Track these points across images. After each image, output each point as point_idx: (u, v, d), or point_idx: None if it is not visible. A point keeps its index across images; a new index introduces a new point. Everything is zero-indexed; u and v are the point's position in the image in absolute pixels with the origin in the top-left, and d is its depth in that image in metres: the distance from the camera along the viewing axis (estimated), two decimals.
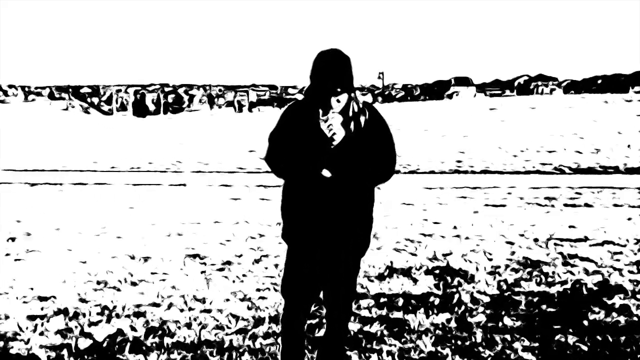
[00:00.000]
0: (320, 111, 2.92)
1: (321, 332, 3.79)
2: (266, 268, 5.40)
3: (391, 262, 5.51)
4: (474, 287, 4.79)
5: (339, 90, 2.86)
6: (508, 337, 3.84)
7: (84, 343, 3.76)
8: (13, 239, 6.52)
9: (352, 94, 2.97)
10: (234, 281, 5.02)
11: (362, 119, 2.96)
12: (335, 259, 3.05)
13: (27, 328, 3.98)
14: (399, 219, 7.61)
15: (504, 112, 24.74)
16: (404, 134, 19.74)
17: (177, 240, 6.52)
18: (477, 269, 5.30)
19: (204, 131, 23.65)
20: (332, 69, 2.85)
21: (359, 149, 2.92)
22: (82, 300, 4.53)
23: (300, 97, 3.13)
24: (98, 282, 4.98)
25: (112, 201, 9.40)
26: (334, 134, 2.89)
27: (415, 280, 4.98)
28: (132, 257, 5.78)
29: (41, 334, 3.91)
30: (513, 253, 5.87)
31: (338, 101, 2.90)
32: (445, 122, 22.71)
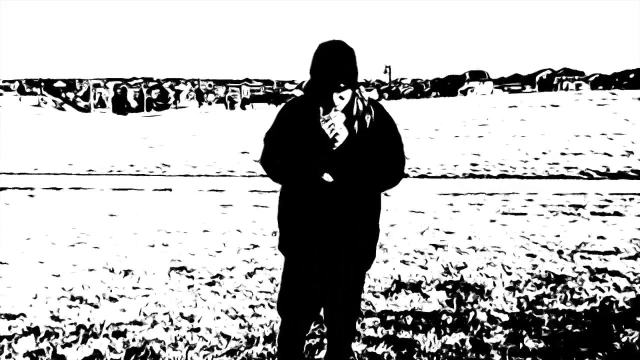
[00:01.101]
0: (321, 109, 2.92)
1: (322, 354, 3.78)
2: (260, 282, 5.40)
3: (399, 276, 5.50)
4: (491, 305, 4.79)
5: (342, 85, 2.86)
6: None
7: None
8: None
9: (356, 90, 2.97)
10: (224, 297, 5.02)
11: (368, 117, 2.96)
12: (337, 272, 3.04)
13: None
14: (407, 228, 7.61)
15: (524, 110, 24.77)
16: (413, 134, 19.74)
17: (161, 251, 6.52)
18: (494, 284, 5.29)
19: (192, 130, 23.68)
20: (334, 62, 2.84)
21: (364, 150, 2.92)
22: (55, 319, 4.53)
23: (298, 93, 3.14)
24: (73, 298, 4.97)
25: (90, 208, 9.40)
26: (337, 134, 2.89)
27: (425, 296, 4.98)
28: (112, 270, 5.77)
29: (8, 356, 3.89)
30: (535, 267, 5.87)
31: (341, 98, 2.90)
32: (459, 121, 22.73)
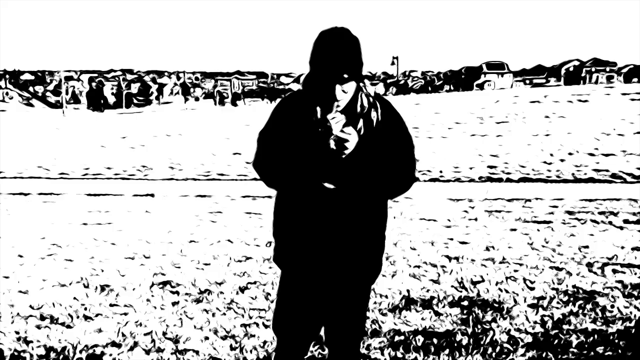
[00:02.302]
0: (318, 109, 2.89)
1: None
2: (254, 298, 5.41)
3: (408, 292, 5.51)
4: (511, 324, 4.79)
5: (345, 76, 2.85)
6: None
7: None
8: None
9: (361, 84, 2.96)
10: (213, 314, 5.02)
11: (374, 114, 2.95)
12: (339, 287, 3.05)
13: None
14: (417, 237, 7.61)
15: (548, 106, 24.80)
16: (424, 133, 19.77)
17: (142, 264, 6.52)
18: (515, 301, 5.29)
19: (177, 129, 23.70)
20: (337, 51, 2.83)
21: (370, 153, 2.89)
22: (22, 340, 4.52)
23: (296, 87, 3.13)
24: (42, 317, 4.97)
25: (62, 215, 9.41)
26: (345, 141, 2.85)
27: (438, 314, 4.98)
28: (86, 286, 5.78)
29: None
30: (561, 281, 5.87)
31: (344, 91, 2.88)
32: (475, 118, 22.76)
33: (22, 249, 7.15)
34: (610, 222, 8.54)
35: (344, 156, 2.86)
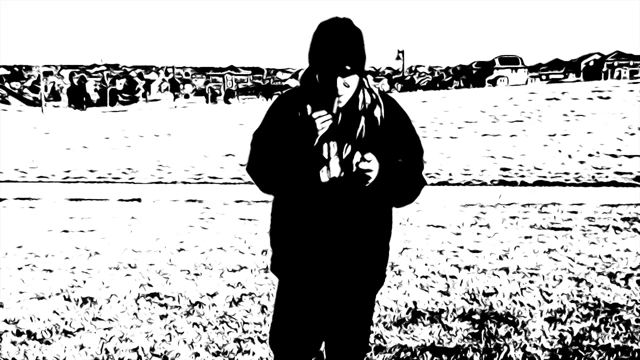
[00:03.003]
0: (309, 107, 2.86)
1: None
2: (248, 311, 5.40)
3: (415, 304, 5.51)
4: (526, 339, 4.79)
5: (348, 68, 2.82)
6: None
7: None
8: None
9: (364, 79, 2.95)
10: (205, 329, 5.02)
11: (377, 113, 2.93)
12: (340, 299, 3.04)
13: None
14: (425, 245, 7.61)
15: (566, 103, 24.84)
16: (432, 133, 19.80)
17: (128, 275, 6.52)
18: (531, 315, 5.29)
19: (166, 128, 23.73)
20: (338, 42, 2.78)
21: (375, 154, 2.87)
22: None
23: (294, 83, 3.12)
24: (19, 333, 4.97)
25: (41, 222, 9.40)
26: (369, 171, 2.79)
27: (447, 328, 4.98)
28: (67, 298, 5.77)
29: None
30: (580, 293, 5.87)
31: (346, 85, 2.85)
32: (487, 116, 22.79)
33: None
34: (634, 229, 8.55)
35: (367, 184, 2.83)
